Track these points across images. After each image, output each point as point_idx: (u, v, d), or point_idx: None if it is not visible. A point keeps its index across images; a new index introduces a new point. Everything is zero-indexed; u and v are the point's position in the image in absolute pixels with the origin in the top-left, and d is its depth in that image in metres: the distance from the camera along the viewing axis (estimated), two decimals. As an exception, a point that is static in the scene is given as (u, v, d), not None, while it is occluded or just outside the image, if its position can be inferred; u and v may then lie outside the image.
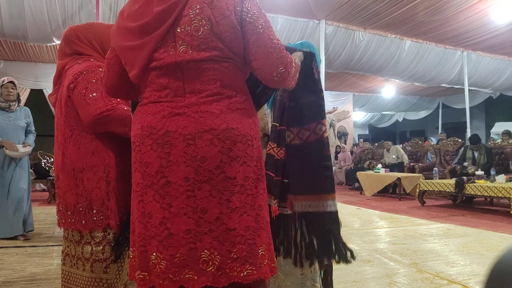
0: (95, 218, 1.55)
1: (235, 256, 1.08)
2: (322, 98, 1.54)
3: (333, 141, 1.92)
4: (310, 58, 1.50)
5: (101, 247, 1.55)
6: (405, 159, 8.06)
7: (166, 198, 1.08)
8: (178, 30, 1.10)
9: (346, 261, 1.45)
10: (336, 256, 1.46)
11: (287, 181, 1.55)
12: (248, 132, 1.14)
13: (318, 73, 1.53)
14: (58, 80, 1.70)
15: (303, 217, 1.51)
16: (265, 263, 1.12)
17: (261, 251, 1.12)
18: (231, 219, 1.08)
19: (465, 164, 6.21)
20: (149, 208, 1.10)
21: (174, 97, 1.11)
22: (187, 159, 1.08)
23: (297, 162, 1.53)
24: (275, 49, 1.12)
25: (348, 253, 1.45)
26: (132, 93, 1.32)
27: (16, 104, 3.65)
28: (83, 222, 1.56)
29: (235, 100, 1.14)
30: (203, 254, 1.07)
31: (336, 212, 1.48)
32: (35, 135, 3.85)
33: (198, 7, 1.09)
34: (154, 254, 1.09)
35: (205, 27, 1.08)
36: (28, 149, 3.63)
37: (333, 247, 1.46)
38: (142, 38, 1.12)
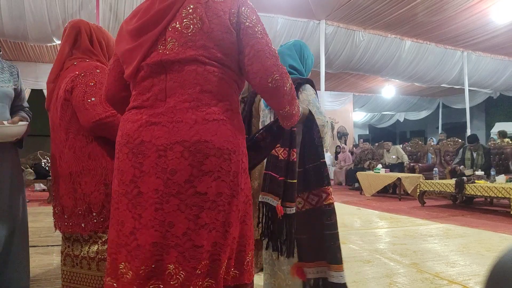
0: (95, 221, 1.55)
1: (199, 272, 1.06)
2: (323, 164, 1.57)
3: (329, 142, 1.93)
4: (310, 121, 1.54)
5: (106, 247, 1.55)
6: (405, 159, 8.07)
7: (138, 208, 1.07)
8: (169, 29, 1.11)
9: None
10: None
11: (292, 181, 1.55)
12: (224, 145, 1.09)
13: (319, 137, 1.57)
14: (55, 78, 1.67)
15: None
16: (228, 278, 1.14)
17: (223, 266, 1.11)
18: (199, 235, 1.06)
19: (461, 167, 6.23)
20: (123, 217, 1.10)
21: (155, 102, 1.10)
22: (158, 170, 1.06)
23: (307, 228, 1.59)
24: (272, 56, 1.12)
25: None
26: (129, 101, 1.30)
27: None
28: (83, 225, 1.55)
29: (213, 109, 1.09)
30: (169, 267, 1.05)
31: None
32: (30, 115, 1.98)
33: (191, 6, 1.10)
34: (123, 263, 1.08)
35: (196, 26, 1.09)
36: (22, 126, 1.75)
37: None
38: (140, 38, 1.14)
